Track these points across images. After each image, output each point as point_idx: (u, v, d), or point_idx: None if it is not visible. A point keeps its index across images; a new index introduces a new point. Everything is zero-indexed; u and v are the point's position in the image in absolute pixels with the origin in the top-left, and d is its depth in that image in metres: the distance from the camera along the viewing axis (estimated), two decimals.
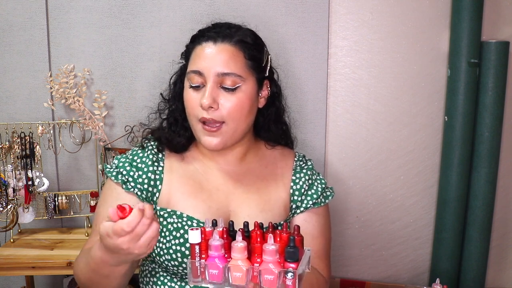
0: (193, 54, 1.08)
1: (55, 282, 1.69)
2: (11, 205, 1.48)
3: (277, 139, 1.21)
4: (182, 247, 1.03)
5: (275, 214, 1.12)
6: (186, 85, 1.08)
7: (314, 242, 1.12)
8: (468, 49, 1.48)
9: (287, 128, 1.24)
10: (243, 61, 1.06)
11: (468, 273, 1.62)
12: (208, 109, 1.03)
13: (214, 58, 1.04)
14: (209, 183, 1.12)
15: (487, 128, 1.53)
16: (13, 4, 1.53)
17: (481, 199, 1.57)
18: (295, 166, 1.19)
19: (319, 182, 1.19)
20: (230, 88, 1.04)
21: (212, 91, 1.03)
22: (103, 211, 1.08)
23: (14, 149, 1.48)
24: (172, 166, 1.12)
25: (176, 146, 1.13)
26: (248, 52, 1.07)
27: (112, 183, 1.09)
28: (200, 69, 1.04)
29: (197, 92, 1.05)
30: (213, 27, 1.10)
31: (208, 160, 1.14)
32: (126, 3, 1.54)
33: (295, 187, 1.16)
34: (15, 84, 1.57)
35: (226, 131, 1.05)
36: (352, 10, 1.56)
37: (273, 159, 1.19)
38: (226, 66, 1.03)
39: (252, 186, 1.13)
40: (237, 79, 1.04)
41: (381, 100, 1.61)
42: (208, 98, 1.02)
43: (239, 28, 1.10)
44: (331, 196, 1.19)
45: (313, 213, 1.15)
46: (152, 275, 1.11)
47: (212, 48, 1.05)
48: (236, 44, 1.06)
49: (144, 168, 1.09)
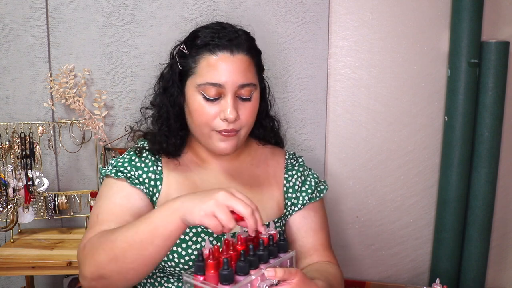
0: (204, 63, 1.03)
1: (55, 282, 1.69)
2: (11, 205, 1.48)
3: (267, 137, 1.21)
4: (179, 248, 1.03)
5: (268, 212, 1.13)
6: (195, 96, 1.04)
7: (317, 237, 1.15)
8: (468, 49, 1.48)
9: (275, 124, 1.23)
10: (254, 69, 1.06)
11: (468, 273, 1.62)
12: (234, 122, 1.02)
13: (235, 71, 1.01)
14: (204, 183, 1.11)
15: (487, 128, 1.52)
16: (13, 4, 1.53)
17: (481, 199, 1.57)
18: (287, 164, 1.20)
19: (312, 177, 1.20)
20: (246, 98, 1.04)
21: (234, 103, 1.02)
22: (103, 204, 1.02)
23: (14, 149, 1.48)
24: (169, 168, 1.11)
25: (172, 155, 1.11)
26: (256, 58, 1.08)
27: (112, 180, 1.05)
28: (222, 82, 1.01)
29: (213, 104, 1.02)
30: (218, 31, 1.05)
31: (203, 162, 1.14)
32: (126, 3, 1.54)
33: (288, 184, 1.17)
34: (15, 84, 1.57)
35: (241, 135, 1.07)
36: (352, 10, 1.56)
37: (264, 158, 1.20)
38: (244, 77, 1.02)
39: (245, 185, 1.13)
40: (252, 88, 1.05)
41: (381, 100, 1.61)
42: (233, 111, 1.01)
43: (242, 31, 1.08)
44: (325, 190, 1.20)
45: (310, 209, 1.16)
46: (149, 276, 1.10)
47: (231, 59, 1.02)
48: (248, 52, 1.05)
49: (144, 168, 1.08)
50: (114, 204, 1.01)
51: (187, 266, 1.03)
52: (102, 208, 1.01)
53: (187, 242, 1.03)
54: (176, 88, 1.09)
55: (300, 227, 1.15)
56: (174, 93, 1.09)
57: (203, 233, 1.04)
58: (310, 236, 1.15)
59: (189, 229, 1.05)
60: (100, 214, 1.00)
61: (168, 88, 1.10)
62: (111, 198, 1.03)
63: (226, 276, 0.77)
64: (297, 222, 1.16)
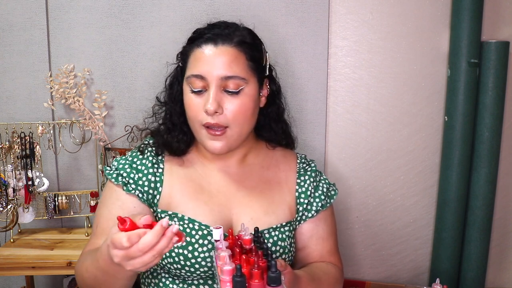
0: (192, 57, 1.05)
1: (55, 282, 1.69)
2: (11, 205, 1.48)
3: (278, 139, 1.20)
4: (185, 250, 1.02)
5: (279, 216, 1.11)
6: (186, 89, 1.06)
7: (325, 244, 1.16)
8: (468, 49, 1.48)
9: (287, 127, 1.22)
10: (245, 63, 1.04)
11: (468, 273, 1.62)
12: (213, 114, 1.01)
13: (216, 61, 1.01)
14: (210, 185, 1.11)
15: (487, 128, 1.52)
16: (13, 4, 1.53)
17: (481, 199, 1.57)
18: (299, 168, 1.19)
19: (324, 182, 1.20)
20: (233, 91, 1.02)
21: (216, 95, 1.01)
22: (103, 212, 1.07)
23: (14, 149, 1.48)
24: (172, 169, 1.11)
25: (175, 151, 1.11)
26: (249, 53, 1.05)
27: (113, 185, 1.08)
28: (202, 73, 1.01)
29: (199, 96, 1.03)
30: (210, 27, 1.07)
31: (209, 163, 1.13)
32: (126, 3, 1.54)
33: (300, 190, 1.16)
34: (15, 84, 1.57)
35: (231, 134, 1.04)
36: (352, 10, 1.56)
37: (275, 161, 1.18)
38: (228, 69, 1.01)
39: (255, 189, 1.12)
40: (241, 82, 1.02)
41: (381, 100, 1.61)
42: (213, 103, 1.00)
43: (236, 27, 1.08)
44: (335, 195, 1.20)
45: (321, 217, 1.17)
46: (154, 276, 1.10)
47: (213, 51, 1.02)
48: (237, 45, 1.03)
49: (144, 170, 1.08)
50: (110, 214, 1.05)
51: (193, 268, 1.02)
52: (101, 218, 1.06)
53: (193, 245, 1.03)
54: (177, 85, 1.11)
55: (312, 235, 1.15)
56: (175, 89, 1.12)
57: (209, 236, 1.03)
58: (319, 244, 1.15)
59: (195, 232, 1.04)
60: (99, 225, 1.06)
61: (172, 85, 1.13)
62: (109, 207, 1.06)
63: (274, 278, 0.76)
64: (310, 230, 1.15)
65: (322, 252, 1.15)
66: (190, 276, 1.04)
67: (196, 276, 1.03)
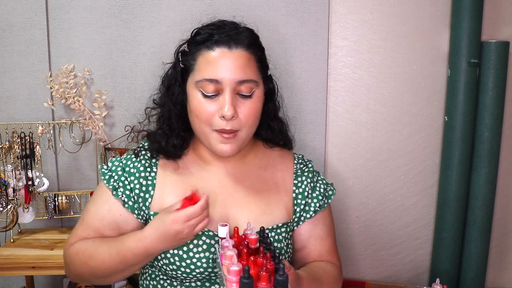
0: (202, 60, 1.02)
1: (55, 282, 1.69)
2: (11, 205, 1.48)
3: (275, 138, 1.18)
4: (180, 251, 1.02)
5: (276, 217, 1.11)
6: (194, 93, 1.03)
7: (323, 243, 1.16)
8: (468, 49, 1.48)
9: (283, 126, 1.21)
10: (255, 65, 1.04)
11: (468, 273, 1.62)
12: (230, 119, 1.00)
13: (232, 66, 0.99)
14: (205, 186, 1.09)
15: (487, 128, 1.52)
16: (13, 4, 1.53)
17: (481, 199, 1.57)
18: (296, 169, 1.18)
19: (321, 182, 1.19)
20: (246, 95, 1.02)
21: (232, 100, 0.99)
22: (91, 209, 1.09)
23: (14, 149, 1.48)
24: (166, 171, 1.10)
25: (171, 156, 1.10)
26: (258, 54, 1.05)
27: (104, 186, 1.09)
28: (217, 78, 0.99)
29: (212, 101, 1.01)
30: (215, 28, 1.04)
31: (206, 164, 1.12)
32: (126, 3, 1.54)
33: (297, 190, 1.15)
34: (15, 84, 1.57)
35: (241, 137, 1.04)
36: (352, 10, 1.56)
37: (272, 161, 1.17)
38: (243, 73, 1.00)
39: (252, 189, 1.11)
40: (253, 85, 1.02)
41: (381, 100, 1.61)
42: (230, 108, 0.98)
43: (244, 28, 1.07)
44: (333, 195, 1.19)
45: (319, 217, 1.16)
46: (152, 278, 1.10)
47: (229, 55, 1.00)
48: (248, 48, 1.02)
49: (136, 174, 1.08)
50: (97, 214, 1.08)
51: (189, 269, 1.02)
52: (90, 214, 1.09)
53: (188, 245, 1.02)
54: (178, 87, 1.08)
55: (310, 236, 1.15)
56: (176, 91, 1.08)
57: (204, 236, 1.03)
58: (318, 244, 1.15)
59: None
60: (86, 217, 1.10)
61: (171, 87, 1.10)
62: (98, 206, 1.09)
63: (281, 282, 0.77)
64: (309, 230, 1.15)
65: (321, 252, 1.15)
66: (187, 278, 1.03)
67: (193, 277, 1.03)
